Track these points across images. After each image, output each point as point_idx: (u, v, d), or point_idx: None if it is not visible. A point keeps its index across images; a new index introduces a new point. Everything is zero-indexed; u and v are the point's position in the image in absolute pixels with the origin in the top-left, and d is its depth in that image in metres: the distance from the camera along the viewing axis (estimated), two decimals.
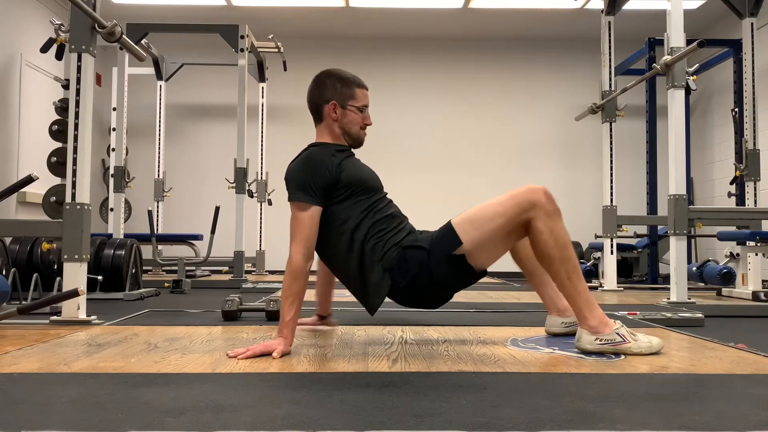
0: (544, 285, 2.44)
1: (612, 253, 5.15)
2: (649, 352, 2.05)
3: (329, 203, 2.15)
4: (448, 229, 2.13)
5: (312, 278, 2.28)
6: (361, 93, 2.28)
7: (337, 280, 2.46)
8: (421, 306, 2.27)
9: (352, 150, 2.34)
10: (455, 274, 2.14)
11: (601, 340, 2.09)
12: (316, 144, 2.30)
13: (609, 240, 5.14)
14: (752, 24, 4.81)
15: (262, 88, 7.38)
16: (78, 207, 2.86)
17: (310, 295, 4.68)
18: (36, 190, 5.44)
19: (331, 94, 2.26)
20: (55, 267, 3.80)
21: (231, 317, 2.92)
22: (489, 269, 2.27)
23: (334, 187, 2.15)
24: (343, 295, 4.68)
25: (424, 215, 2.88)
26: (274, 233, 7.65)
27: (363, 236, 2.15)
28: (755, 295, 4.32)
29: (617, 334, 2.09)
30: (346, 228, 2.16)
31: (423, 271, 2.12)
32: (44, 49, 3.55)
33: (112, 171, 5.99)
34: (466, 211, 2.17)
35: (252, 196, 6.67)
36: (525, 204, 2.06)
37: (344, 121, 2.27)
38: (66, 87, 5.13)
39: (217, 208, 5.24)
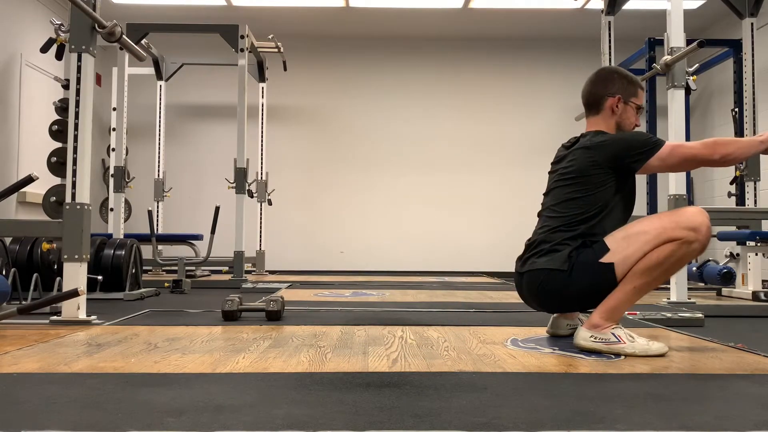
0: None
1: None
2: (644, 354, 2.04)
3: (610, 177, 2.23)
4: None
5: None
6: (641, 94, 2.42)
7: None
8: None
9: None
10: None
11: (595, 338, 2.10)
12: (599, 132, 2.35)
13: None
14: (752, 24, 4.80)
15: (262, 88, 7.38)
16: (78, 207, 2.86)
17: (307, 295, 4.68)
18: (36, 190, 5.43)
19: (618, 88, 2.36)
20: (55, 267, 3.80)
21: (231, 317, 2.91)
22: (489, 269, 2.31)
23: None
24: (342, 295, 4.69)
25: (424, 215, 2.89)
26: (274, 233, 7.66)
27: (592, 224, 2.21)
28: (755, 295, 4.32)
29: (612, 334, 2.10)
30: (597, 204, 2.22)
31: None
32: (44, 49, 3.55)
33: (112, 171, 5.99)
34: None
35: (252, 196, 6.67)
36: (685, 229, 2.13)
37: (623, 116, 2.37)
38: (66, 87, 5.13)
39: (217, 208, 5.24)
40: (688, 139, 6.00)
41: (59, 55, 3.29)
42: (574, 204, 2.25)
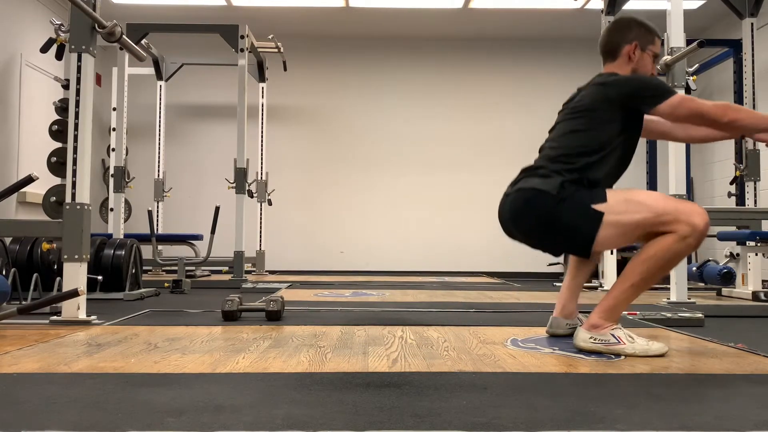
0: (571, 288, 2.47)
1: (612, 253, 5.15)
2: (644, 354, 2.04)
3: (618, 115, 2.23)
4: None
5: None
6: (658, 42, 2.41)
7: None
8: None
9: None
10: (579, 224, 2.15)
11: (594, 339, 2.10)
12: (615, 72, 2.36)
13: None
14: (752, 24, 4.80)
15: (262, 88, 7.38)
16: (78, 207, 2.86)
17: (307, 295, 4.68)
18: (36, 190, 5.43)
19: (636, 36, 2.37)
20: (55, 267, 3.80)
21: (231, 317, 2.91)
22: (490, 269, 2.30)
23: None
24: (342, 295, 4.68)
25: (424, 215, 2.89)
26: (274, 233, 7.66)
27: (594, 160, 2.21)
28: (755, 295, 4.32)
29: (612, 335, 2.10)
30: (599, 140, 2.22)
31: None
32: (44, 49, 3.55)
33: (112, 171, 5.99)
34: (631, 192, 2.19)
35: (252, 196, 6.67)
36: (683, 222, 2.07)
37: (640, 63, 2.37)
38: (66, 87, 5.12)
39: (217, 208, 5.24)
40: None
41: (59, 55, 3.30)
42: (577, 137, 2.25)
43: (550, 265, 7.52)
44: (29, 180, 2.92)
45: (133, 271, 4.26)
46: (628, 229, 2.14)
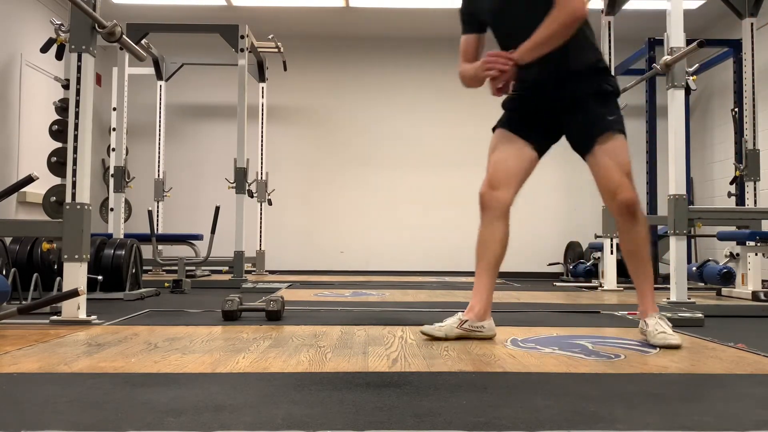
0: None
1: (612, 253, 5.15)
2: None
3: None
4: None
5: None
6: None
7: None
8: None
9: None
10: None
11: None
12: None
13: (609, 240, 5.13)
14: (752, 24, 4.80)
15: (262, 88, 7.38)
16: (78, 207, 2.86)
17: (307, 295, 4.68)
18: (36, 190, 5.43)
19: None
20: (55, 267, 3.80)
21: (231, 317, 2.91)
22: None
23: None
24: (342, 295, 4.69)
25: (424, 215, 2.87)
26: (274, 233, 7.66)
27: None
28: (755, 295, 4.32)
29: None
30: None
31: None
32: (44, 49, 3.55)
33: (112, 171, 5.99)
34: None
35: (252, 196, 6.67)
36: None
37: None
38: (66, 87, 5.13)
39: (217, 208, 5.24)
40: (688, 138, 6.01)
41: (59, 55, 3.30)
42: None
43: (550, 264, 7.53)
44: (29, 180, 2.92)
45: (133, 271, 4.26)
46: None
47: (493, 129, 2.42)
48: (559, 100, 2.34)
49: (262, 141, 7.44)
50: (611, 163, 2.29)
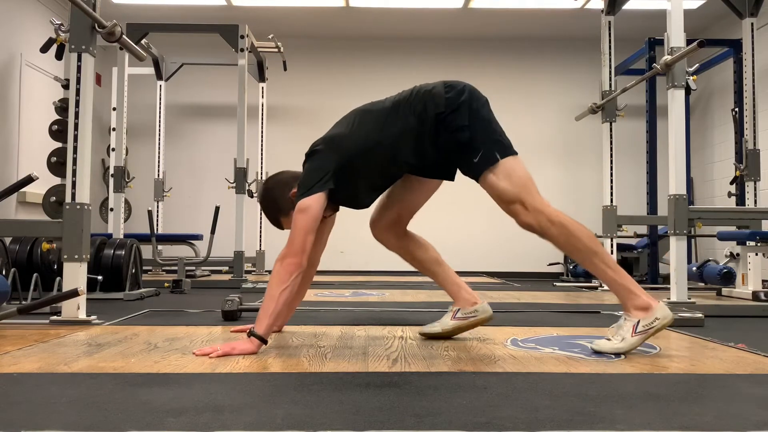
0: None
1: (612, 253, 5.15)
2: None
3: None
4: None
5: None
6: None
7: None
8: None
9: None
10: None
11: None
12: None
13: (609, 240, 5.14)
14: (752, 24, 4.80)
15: (262, 88, 7.38)
16: (78, 207, 2.86)
17: (307, 295, 4.64)
18: (36, 190, 5.43)
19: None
20: (55, 267, 3.80)
21: (231, 317, 2.92)
22: (490, 269, 2.33)
23: None
24: (342, 295, 4.68)
25: (424, 215, 2.84)
26: (274, 233, 7.64)
27: None
28: (755, 295, 4.32)
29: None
30: None
31: None
32: (44, 49, 3.55)
33: (112, 171, 5.99)
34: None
35: (252, 196, 6.67)
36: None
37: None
38: (66, 87, 5.13)
39: (217, 208, 5.24)
40: (688, 138, 6.00)
41: (59, 55, 3.29)
42: None
43: (550, 264, 7.53)
44: (29, 180, 2.92)
45: (133, 271, 4.26)
46: None
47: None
48: None
49: (262, 141, 7.43)
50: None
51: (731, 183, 5.13)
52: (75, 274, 2.82)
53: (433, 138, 2.20)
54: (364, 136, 2.22)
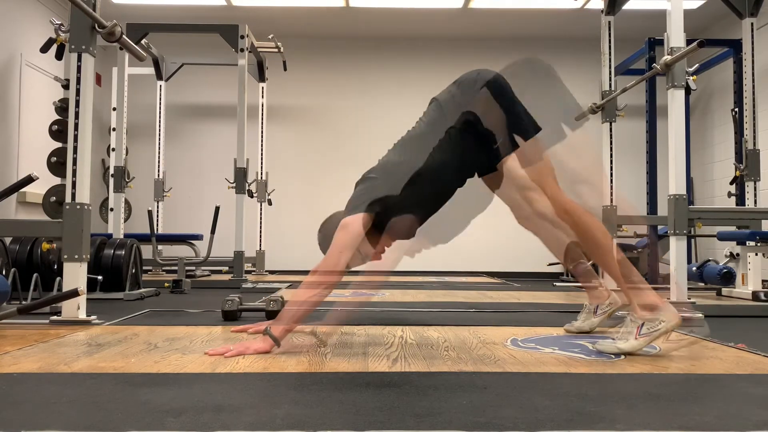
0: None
1: None
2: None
3: None
4: None
5: None
6: None
7: None
8: None
9: None
10: None
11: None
12: None
13: None
14: (752, 24, 4.80)
15: (262, 88, 7.38)
16: (78, 207, 2.86)
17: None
18: (36, 190, 5.43)
19: None
20: (55, 267, 3.80)
21: (231, 317, 2.92)
22: (490, 269, 2.33)
23: None
24: (342, 295, 4.68)
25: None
26: (274, 233, 7.65)
27: None
28: (755, 295, 4.32)
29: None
30: None
31: None
32: (44, 49, 3.55)
33: (112, 171, 5.99)
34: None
35: (252, 196, 6.67)
36: None
37: None
38: (66, 87, 5.13)
39: (217, 208, 5.24)
40: (688, 138, 6.00)
41: (59, 55, 3.29)
42: None
43: (550, 264, 7.52)
44: (29, 180, 2.92)
45: (133, 271, 4.26)
46: None
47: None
48: None
49: (262, 141, 7.43)
50: None
51: (731, 183, 5.12)
52: (75, 274, 2.82)
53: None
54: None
